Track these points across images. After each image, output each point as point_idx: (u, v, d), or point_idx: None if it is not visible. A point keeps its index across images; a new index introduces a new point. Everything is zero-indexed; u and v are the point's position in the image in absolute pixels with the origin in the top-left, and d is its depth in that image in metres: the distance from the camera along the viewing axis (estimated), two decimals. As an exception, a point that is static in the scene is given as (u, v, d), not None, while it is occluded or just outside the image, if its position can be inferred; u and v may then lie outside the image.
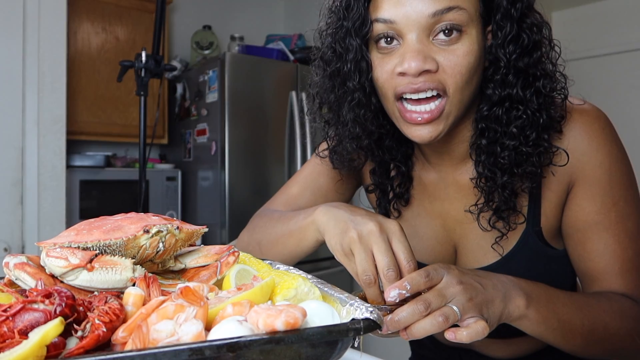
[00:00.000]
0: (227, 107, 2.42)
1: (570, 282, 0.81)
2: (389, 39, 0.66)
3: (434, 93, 0.66)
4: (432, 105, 0.66)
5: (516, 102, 0.67)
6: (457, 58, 0.64)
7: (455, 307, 0.57)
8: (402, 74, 0.65)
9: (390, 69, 0.67)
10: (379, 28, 0.66)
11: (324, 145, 0.88)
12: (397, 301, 0.59)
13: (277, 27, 3.57)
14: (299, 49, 2.94)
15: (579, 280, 0.78)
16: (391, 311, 0.58)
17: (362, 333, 0.46)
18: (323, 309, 0.50)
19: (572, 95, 0.73)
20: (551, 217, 0.75)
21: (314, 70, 0.79)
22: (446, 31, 0.63)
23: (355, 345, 0.49)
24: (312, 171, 0.94)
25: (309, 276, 0.62)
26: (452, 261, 0.82)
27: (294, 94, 2.63)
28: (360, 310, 0.49)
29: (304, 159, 2.64)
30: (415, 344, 1.03)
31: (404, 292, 0.58)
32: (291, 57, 2.83)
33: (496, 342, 0.84)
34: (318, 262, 2.74)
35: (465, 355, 0.89)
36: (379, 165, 0.85)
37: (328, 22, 0.75)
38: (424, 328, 0.56)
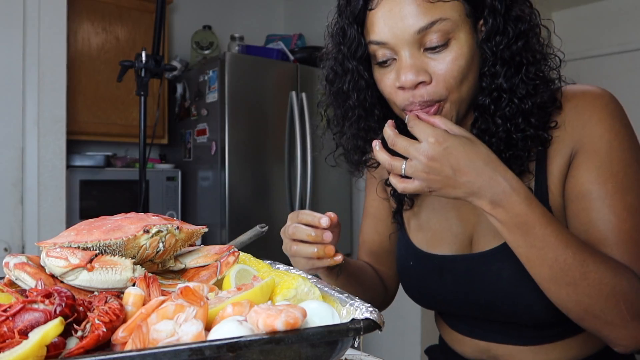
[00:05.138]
0: (227, 107, 2.42)
1: None
2: (385, 58, 0.72)
3: (434, 102, 0.72)
4: (434, 107, 0.73)
5: (502, 92, 0.72)
6: (446, 65, 0.69)
7: (404, 166, 0.66)
8: (401, 87, 0.71)
9: (392, 83, 0.73)
10: (374, 49, 0.73)
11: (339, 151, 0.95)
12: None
13: (277, 27, 3.57)
14: (299, 49, 2.94)
15: None
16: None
17: (362, 333, 0.46)
18: (323, 309, 0.50)
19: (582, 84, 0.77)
20: (557, 194, 0.75)
21: (322, 89, 0.86)
22: (434, 43, 0.69)
23: (355, 345, 0.49)
24: (367, 199, 1.04)
25: (309, 276, 0.62)
26: (467, 249, 0.83)
27: (294, 94, 2.63)
28: (360, 310, 0.49)
29: (304, 159, 2.64)
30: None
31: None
32: (291, 57, 2.83)
33: (522, 351, 0.81)
34: (318, 262, 2.74)
35: None
36: None
37: (329, 46, 0.82)
38: (378, 156, 0.68)
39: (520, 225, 0.65)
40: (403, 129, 0.84)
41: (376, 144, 0.69)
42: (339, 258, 0.76)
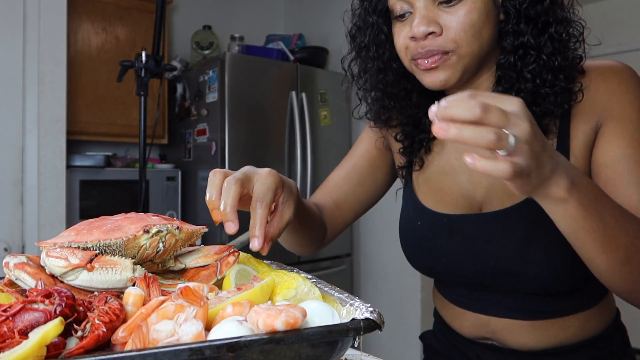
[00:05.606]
0: (227, 107, 2.42)
1: None
2: (403, 11, 0.77)
3: (440, 52, 0.74)
4: (437, 57, 0.75)
5: (529, 49, 0.74)
6: (459, 18, 0.72)
7: (512, 137, 0.46)
8: (413, 38, 0.75)
9: (405, 35, 0.77)
10: (392, 3, 0.77)
11: (363, 108, 0.97)
12: None
13: (277, 27, 3.57)
14: (299, 49, 2.94)
15: None
16: None
17: (362, 333, 0.46)
18: (323, 309, 0.50)
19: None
20: (580, 157, 0.75)
21: (347, 47, 0.92)
22: None
23: (355, 345, 0.49)
24: (364, 144, 1.03)
25: (309, 276, 0.62)
26: (479, 211, 0.83)
27: (294, 94, 2.63)
28: (360, 310, 0.49)
29: (304, 159, 2.64)
30: (428, 339, 1.01)
31: None
32: (291, 57, 2.83)
33: (522, 326, 0.80)
34: (318, 262, 2.74)
35: (485, 350, 0.85)
36: (409, 119, 0.91)
37: (353, 3, 0.88)
38: (469, 133, 0.45)
39: (594, 202, 0.57)
40: (418, 87, 0.84)
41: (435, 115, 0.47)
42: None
